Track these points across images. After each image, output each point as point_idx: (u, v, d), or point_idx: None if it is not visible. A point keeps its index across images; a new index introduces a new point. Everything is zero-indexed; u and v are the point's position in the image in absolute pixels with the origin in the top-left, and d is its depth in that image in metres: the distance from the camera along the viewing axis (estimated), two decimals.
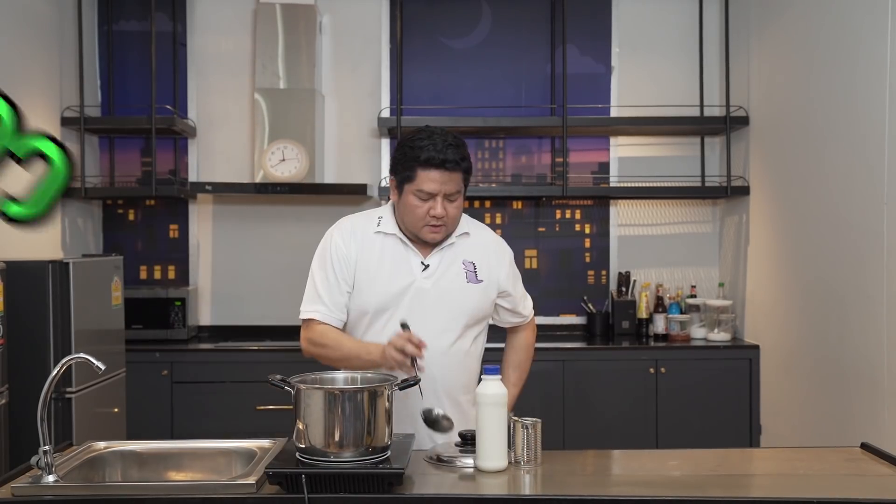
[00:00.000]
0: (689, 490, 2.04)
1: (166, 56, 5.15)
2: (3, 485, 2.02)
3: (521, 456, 2.20)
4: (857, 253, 3.60)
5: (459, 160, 2.38)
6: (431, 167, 2.36)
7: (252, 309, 5.23)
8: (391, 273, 2.46)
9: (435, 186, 2.37)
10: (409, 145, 2.40)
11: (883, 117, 3.39)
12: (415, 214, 2.41)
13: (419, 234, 2.44)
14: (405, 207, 2.43)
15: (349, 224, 2.55)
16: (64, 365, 2.09)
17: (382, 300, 2.46)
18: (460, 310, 2.49)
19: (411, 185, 2.40)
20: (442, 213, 2.39)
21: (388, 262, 2.47)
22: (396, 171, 2.45)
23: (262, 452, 2.21)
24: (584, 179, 5.26)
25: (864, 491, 2.03)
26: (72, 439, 3.48)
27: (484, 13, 5.26)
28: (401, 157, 2.42)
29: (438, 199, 2.38)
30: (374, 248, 2.48)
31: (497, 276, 2.56)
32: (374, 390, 2.04)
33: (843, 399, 3.72)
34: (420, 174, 2.38)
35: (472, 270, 2.51)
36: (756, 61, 4.73)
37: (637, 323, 5.09)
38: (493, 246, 2.59)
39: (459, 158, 2.39)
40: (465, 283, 2.49)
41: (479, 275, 2.51)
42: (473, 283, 2.50)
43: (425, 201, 2.39)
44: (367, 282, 2.46)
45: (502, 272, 2.58)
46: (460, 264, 2.50)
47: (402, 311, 2.44)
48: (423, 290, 2.46)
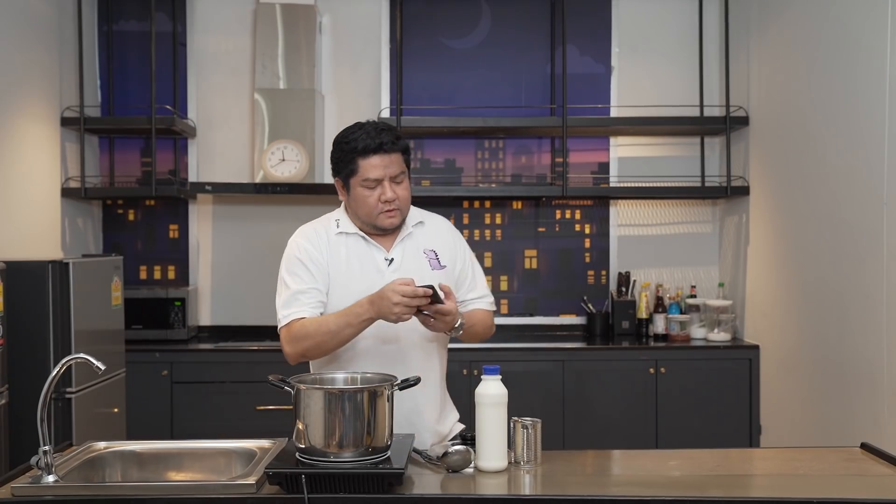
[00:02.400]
0: (689, 490, 2.04)
1: (166, 56, 5.15)
2: (3, 485, 2.02)
3: (521, 456, 2.20)
4: (857, 253, 3.60)
5: (395, 140, 2.44)
6: (370, 153, 2.41)
7: (252, 309, 5.23)
8: (359, 272, 2.48)
9: (378, 172, 2.41)
10: (344, 142, 2.45)
11: (883, 117, 3.39)
12: (367, 205, 2.44)
13: (376, 222, 2.46)
14: (356, 201, 2.46)
15: (311, 229, 2.55)
16: (64, 365, 2.09)
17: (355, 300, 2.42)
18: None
19: (356, 177, 2.43)
20: (392, 195, 2.43)
21: (354, 262, 2.49)
22: (339, 170, 2.48)
23: (261, 453, 2.21)
24: (584, 179, 5.26)
25: (864, 491, 2.03)
26: (72, 439, 3.48)
27: (484, 13, 5.26)
28: (339, 155, 2.46)
29: (385, 183, 2.42)
30: (340, 250, 2.50)
31: (457, 258, 2.58)
32: (374, 390, 2.04)
33: (843, 399, 3.72)
34: (361, 164, 2.41)
35: (434, 258, 2.54)
36: (756, 61, 4.73)
37: (637, 323, 5.09)
38: (448, 231, 2.63)
39: (394, 139, 2.44)
40: (431, 271, 2.50)
41: (441, 261, 2.54)
42: (438, 270, 2.52)
43: (373, 189, 2.43)
44: (338, 284, 2.47)
45: (461, 254, 2.60)
46: (422, 254, 2.52)
47: None
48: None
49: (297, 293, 2.46)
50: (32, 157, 4.42)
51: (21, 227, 4.27)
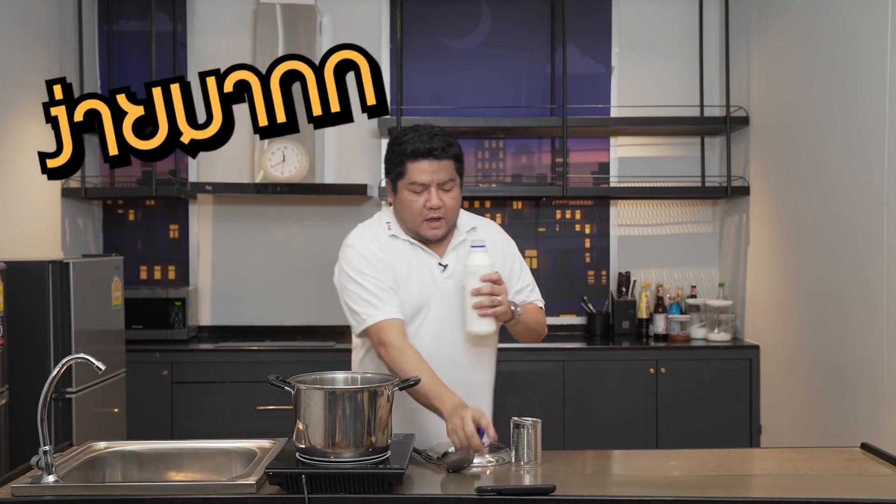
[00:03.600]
0: (690, 490, 2.04)
1: (166, 56, 5.15)
2: (3, 485, 2.02)
3: (521, 456, 2.20)
4: (857, 253, 3.60)
5: (446, 147, 2.40)
6: (419, 157, 2.38)
7: (252, 309, 5.23)
8: (416, 277, 2.45)
9: (426, 177, 2.38)
10: (396, 143, 2.43)
11: (883, 117, 3.39)
12: (412, 210, 2.41)
13: (419, 230, 2.43)
14: (402, 205, 2.43)
15: (369, 232, 2.50)
16: (64, 365, 2.09)
17: (414, 305, 2.44)
18: None
19: (404, 180, 2.41)
20: (438, 203, 2.39)
21: (412, 266, 2.46)
22: (389, 171, 2.46)
23: (262, 453, 2.21)
24: (584, 179, 5.26)
25: (865, 491, 2.03)
26: (72, 439, 3.47)
27: (484, 13, 5.26)
28: (390, 156, 2.45)
29: (432, 189, 2.39)
30: (398, 251, 2.47)
31: (509, 266, 2.56)
32: (374, 390, 2.04)
33: (843, 399, 3.72)
34: (410, 167, 2.39)
35: None
36: (756, 61, 4.73)
37: (637, 323, 5.09)
38: (500, 238, 2.61)
39: (445, 145, 2.40)
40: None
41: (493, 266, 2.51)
42: None
43: (420, 194, 2.40)
44: (399, 285, 2.44)
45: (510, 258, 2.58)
46: None
47: (433, 313, 2.44)
48: (447, 291, 2.46)
49: (376, 291, 2.39)
50: (33, 157, 4.40)
51: (21, 227, 4.27)
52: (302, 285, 5.22)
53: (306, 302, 5.21)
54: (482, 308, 2.30)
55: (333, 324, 5.15)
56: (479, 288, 2.30)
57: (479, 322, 2.33)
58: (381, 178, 5.14)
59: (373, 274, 2.41)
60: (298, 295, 5.23)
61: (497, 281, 2.32)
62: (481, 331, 2.36)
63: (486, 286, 2.30)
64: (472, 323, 2.34)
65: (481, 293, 2.30)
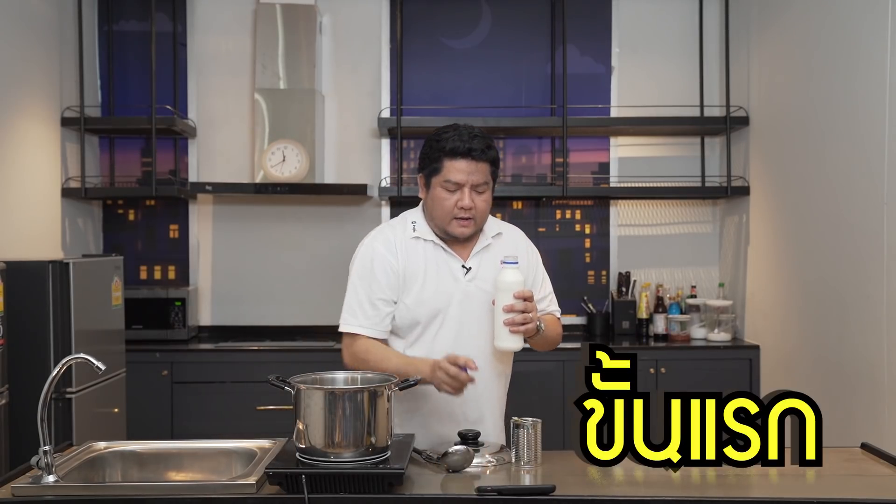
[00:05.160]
0: (690, 490, 2.04)
1: (166, 56, 5.15)
2: (4, 485, 2.02)
3: (521, 456, 2.21)
4: (857, 253, 3.60)
5: (485, 149, 2.39)
6: (457, 156, 2.37)
7: (252, 309, 5.23)
8: (437, 279, 2.45)
9: (462, 176, 2.37)
10: (436, 139, 2.42)
11: (883, 117, 3.39)
12: (443, 207, 2.40)
13: (447, 228, 2.43)
14: (433, 201, 2.42)
15: (389, 232, 2.50)
16: (64, 365, 2.09)
17: (433, 308, 2.44)
18: None
19: (438, 176, 2.40)
20: (470, 203, 2.38)
21: (432, 269, 2.45)
22: (424, 166, 2.45)
23: (262, 453, 2.21)
24: (584, 179, 5.26)
25: (865, 491, 2.04)
26: (72, 439, 3.48)
27: (484, 13, 5.26)
28: (427, 151, 2.44)
29: (466, 189, 2.38)
30: (418, 254, 2.46)
31: (532, 275, 2.57)
32: (375, 390, 2.04)
33: (844, 399, 3.72)
34: (446, 164, 2.38)
35: None
36: (756, 61, 4.73)
37: (637, 323, 5.09)
38: (525, 246, 2.61)
39: (485, 147, 2.39)
40: None
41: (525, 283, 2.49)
42: None
43: (453, 192, 2.39)
44: (415, 290, 2.44)
45: (533, 265, 2.59)
46: (499, 264, 2.47)
47: (452, 316, 2.44)
48: (468, 294, 2.46)
49: (366, 302, 2.43)
50: (33, 157, 4.42)
51: (21, 227, 4.27)
52: (302, 285, 5.23)
53: (306, 302, 5.21)
54: (514, 325, 2.30)
55: (333, 324, 5.10)
56: (512, 305, 2.29)
57: (509, 338, 2.32)
58: (380, 178, 5.14)
59: (371, 282, 2.43)
60: (298, 295, 5.23)
61: (529, 298, 2.32)
62: (510, 347, 2.35)
63: (518, 303, 2.29)
64: (501, 339, 2.33)
65: (514, 310, 2.29)
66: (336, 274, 5.20)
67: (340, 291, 2.52)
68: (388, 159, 5.20)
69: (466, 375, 2.23)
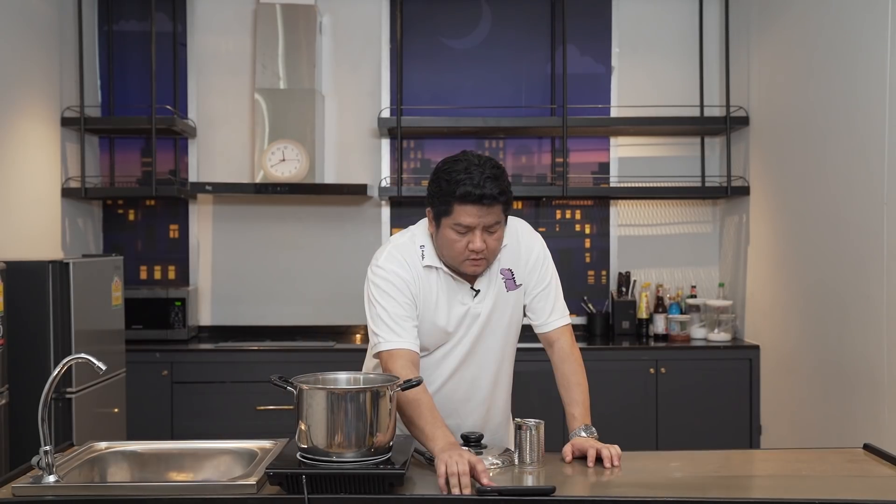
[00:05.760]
0: (691, 491, 2.04)
1: (166, 56, 5.15)
2: (4, 485, 2.02)
3: (523, 457, 2.21)
4: (857, 253, 3.60)
5: (498, 194, 2.23)
6: (468, 202, 2.23)
7: (252, 309, 5.23)
8: (448, 307, 2.39)
9: (473, 220, 2.24)
10: (446, 178, 2.26)
11: (883, 117, 3.39)
12: (453, 249, 2.30)
13: (459, 268, 2.35)
14: (443, 241, 2.32)
15: (398, 254, 2.39)
16: (64, 365, 2.09)
17: (443, 331, 2.40)
18: (509, 320, 2.48)
19: (448, 218, 2.27)
20: (481, 246, 2.26)
21: (443, 297, 2.39)
22: (433, 204, 2.32)
23: (262, 453, 2.21)
24: (584, 179, 5.26)
25: (867, 492, 2.03)
26: (72, 439, 3.46)
27: (484, 13, 5.26)
28: (437, 191, 2.29)
29: (477, 232, 2.26)
30: (430, 281, 2.39)
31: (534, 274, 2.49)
32: (377, 391, 2.03)
33: (844, 399, 3.72)
34: (456, 208, 2.24)
35: (510, 278, 2.45)
36: (756, 61, 4.73)
37: (637, 323, 5.09)
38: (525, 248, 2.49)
39: (498, 192, 2.23)
40: (507, 293, 2.45)
41: (516, 280, 2.46)
42: (513, 290, 2.46)
43: (463, 235, 2.27)
44: (427, 315, 2.39)
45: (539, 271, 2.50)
46: (499, 276, 2.44)
47: (460, 338, 2.42)
48: (477, 316, 2.42)
49: (398, 318, 2.33)
50: (33, 157, 4.41)
51: (21, 227, 4.26)
52: (302, 285, 5.22)
53: (306, 302, 5.21)
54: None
55: (333, 324, 5.16)
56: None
57: None
58: (380, 178, 5.14)
59: (397, 299, 2.34)
60: (298, 295, 5.23)
61: (605, 459, 2.24)
62: None
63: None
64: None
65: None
66: (336, 274, 5.21)
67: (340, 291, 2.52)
68: (388, 159, 5.20)
69: (468, 482, 2.01)
